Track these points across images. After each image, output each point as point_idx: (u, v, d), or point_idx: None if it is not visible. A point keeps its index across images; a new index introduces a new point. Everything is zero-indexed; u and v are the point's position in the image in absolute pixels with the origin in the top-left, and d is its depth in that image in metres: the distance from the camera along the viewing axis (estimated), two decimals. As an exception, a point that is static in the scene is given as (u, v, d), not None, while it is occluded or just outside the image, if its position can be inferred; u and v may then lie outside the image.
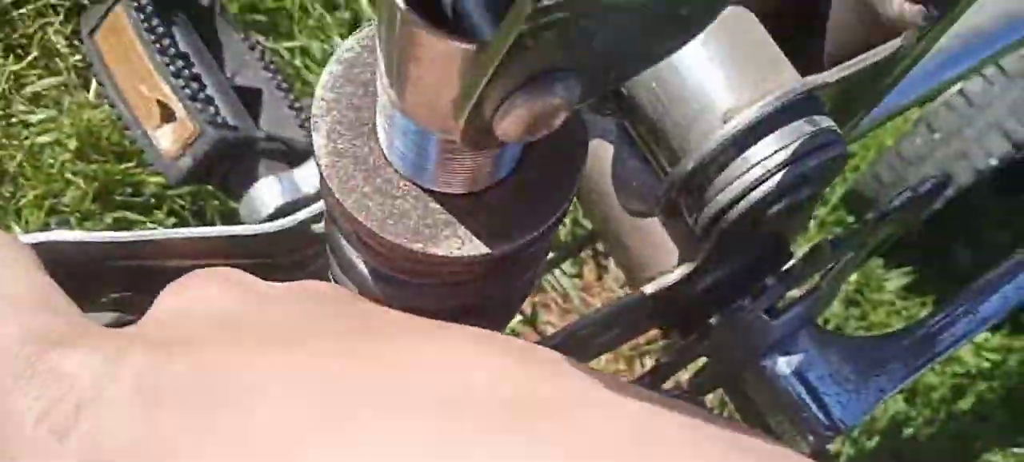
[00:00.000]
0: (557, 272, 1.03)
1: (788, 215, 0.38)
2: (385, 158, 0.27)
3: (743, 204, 0.36)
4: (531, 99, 0.19)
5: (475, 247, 0.26)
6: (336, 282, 0.37)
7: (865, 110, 0.45)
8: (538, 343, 0.40)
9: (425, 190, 0.27)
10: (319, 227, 0.45)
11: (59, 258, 0.44)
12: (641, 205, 0.44)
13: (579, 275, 1.06)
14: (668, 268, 0.43)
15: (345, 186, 0.26)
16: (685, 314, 0.44)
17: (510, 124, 0.20)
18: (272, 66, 0.74)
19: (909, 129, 1.26)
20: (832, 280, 0.42)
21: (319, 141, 0.27)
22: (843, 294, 1.28)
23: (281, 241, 0.45)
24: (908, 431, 1.13)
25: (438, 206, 0.26)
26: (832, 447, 1.03)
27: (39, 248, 0.43)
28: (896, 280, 1.36)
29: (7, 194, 0.83)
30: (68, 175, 0.84)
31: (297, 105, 0.71)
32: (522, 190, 0.27)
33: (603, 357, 0.99)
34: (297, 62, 0.97)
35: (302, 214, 0.42)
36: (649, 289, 0.41)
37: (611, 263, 1.09)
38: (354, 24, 0.98)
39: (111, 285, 0.48)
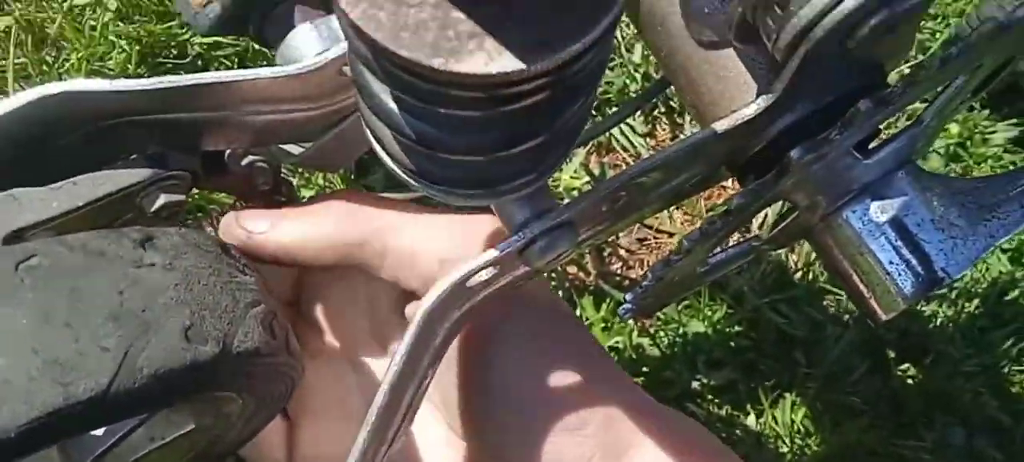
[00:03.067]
0: (627, 129, 0.98)
1: (886, 33, 0.33)
2: (400, -38, 0.23)
3: (832, 18, 0.31)
4: None
5: (507, 62, 0.23)
6: (368, 128, 0.34)
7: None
8: (593, 190, 0.37)
9: (448, -1, 0.23)
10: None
11: (93, 110, 0.42)
12: (713, 34, 0.40)
13: (651, 133, 1.01)
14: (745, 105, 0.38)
15: (354, -5, 0.23)
16: (763, 157, 0.40)
17: None
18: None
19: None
20: (938, 110, 0.37)
21: (324, -55, 0.24)
22: (943, 147, 1.20)
23: (313, 84, 0.42)
24: (1013, 294, 1.07)
25: (461, 15, 0.23)
26: (926, 307, 0.98)
27: (73, 97, 0.41)
28: (1004, 132, 1.27)
29: (50, 58, 0.82)
30: (111, 37, 0.82)
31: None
32: (562, -9, 0.23)
33: (678, 218, 0.95)
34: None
35: (332, 53, 0.40)
36: (721, 126, 0.37)
37: (687, 121, 1.04)
38: None
39: (147, 138, 0.46)
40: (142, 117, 0.44)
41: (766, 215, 0.86)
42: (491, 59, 0.23)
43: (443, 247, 0.42)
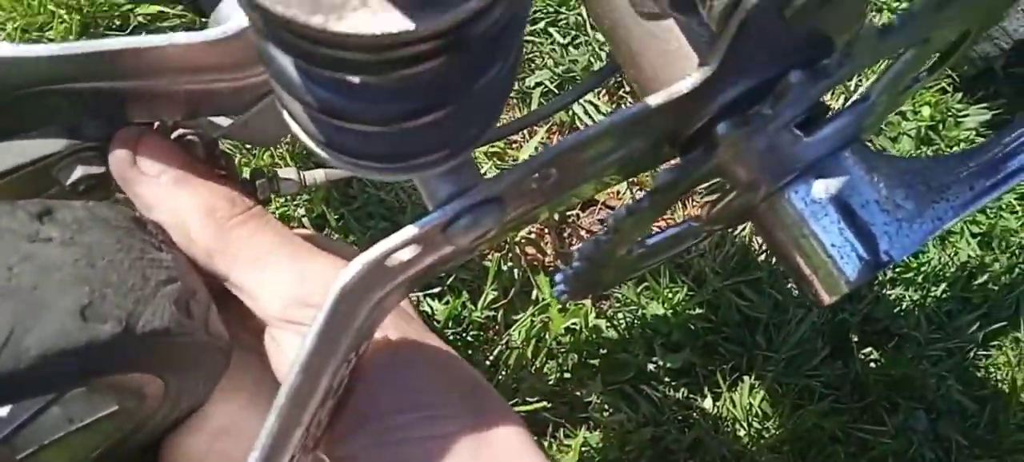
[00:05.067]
0: (590, 109, 0.96)
1: (824, 3, 0.32)
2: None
3: (768, -16, 0.30)
4: None
5: (392, 21, 0.21)
6: (279, 100, 0.32)
7: None
8: (520, 165, 0.35)
9: (333, -48, 0.21)
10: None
11: (5, 76, 0.40)
12: (653, 4, 0.38)
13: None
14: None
15: (230, -53, 0.21)
16: (704, 134, 0.39)
17: None
18: None
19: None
20: (887, 87, 0.36)
21: None
22: (915, 130, 1.19)
23: (234, 51, 0.40)
24: (982, 279, 1.07)
25: (346, -31, 0.21)
26: (892, 290, 0.98)
27: None
28: (976, 115, 1.27)
29: (-15, 27, 0.79)
30: (50, 6, 0.79)
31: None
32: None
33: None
34: None
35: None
36: (655, 100, 0.35)
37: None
38: None
39: (70, 109, 0.44)
40: (62, 86, 0.42)
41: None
42: (375, 17, 0.21)
43: (283, 291, 0.40)
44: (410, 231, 0.34)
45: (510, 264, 0.84)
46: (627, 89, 0.99)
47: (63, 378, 0.33)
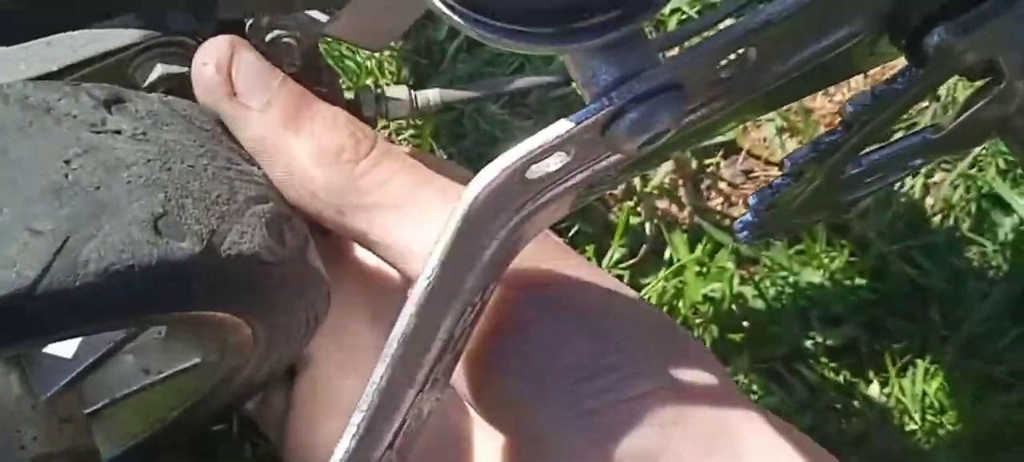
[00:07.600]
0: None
1: None
2: None
3: None
4: None
5: None
6: None
7: None
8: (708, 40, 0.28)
9: None
10: None
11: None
12: None
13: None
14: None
15: None
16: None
17: None
18: None
19: None
20: None
21: None
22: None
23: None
24: None
25: None
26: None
27: None
28: None
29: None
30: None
31: None
32: None
33: (791, 146, 0.85)
34: None
35: None
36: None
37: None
38: None
39: None
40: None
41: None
42: None
43: None
44: (561, 127, 0.28)
45: (640, 217, 0.78)
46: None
47: (128, 306, 0.28)
